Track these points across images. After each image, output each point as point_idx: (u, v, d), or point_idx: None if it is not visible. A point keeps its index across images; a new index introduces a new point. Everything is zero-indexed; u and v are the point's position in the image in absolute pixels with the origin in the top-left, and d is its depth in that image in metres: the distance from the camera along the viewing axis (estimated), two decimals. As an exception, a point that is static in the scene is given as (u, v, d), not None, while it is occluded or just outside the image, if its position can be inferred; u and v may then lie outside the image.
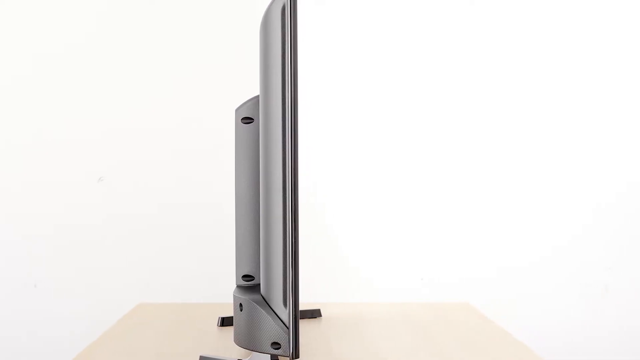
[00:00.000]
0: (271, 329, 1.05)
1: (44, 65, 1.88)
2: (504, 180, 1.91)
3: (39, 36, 1.87)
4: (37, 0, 1.87)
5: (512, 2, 1.90)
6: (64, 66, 1.88)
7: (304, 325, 1.38)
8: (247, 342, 1.09)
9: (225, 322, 1.38)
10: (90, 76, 1.88)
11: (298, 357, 1.04)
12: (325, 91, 1.89)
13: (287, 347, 1.04)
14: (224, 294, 1.59)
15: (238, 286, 1.21)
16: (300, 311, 1.37)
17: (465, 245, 1.90)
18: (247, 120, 1.19)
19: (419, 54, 1.90)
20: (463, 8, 1.90)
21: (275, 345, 1.05)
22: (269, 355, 1.07)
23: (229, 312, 1.41)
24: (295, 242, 1.04)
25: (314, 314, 1.46)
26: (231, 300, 1.19)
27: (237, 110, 1.20)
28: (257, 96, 1.16)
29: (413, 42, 1.90)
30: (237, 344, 1.13)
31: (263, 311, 1.06)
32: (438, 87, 1.90)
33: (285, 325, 1.04)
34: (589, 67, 1.91)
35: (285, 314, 1.04)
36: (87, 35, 1.88)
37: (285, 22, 1.05)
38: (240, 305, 1.11)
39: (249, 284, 1.21)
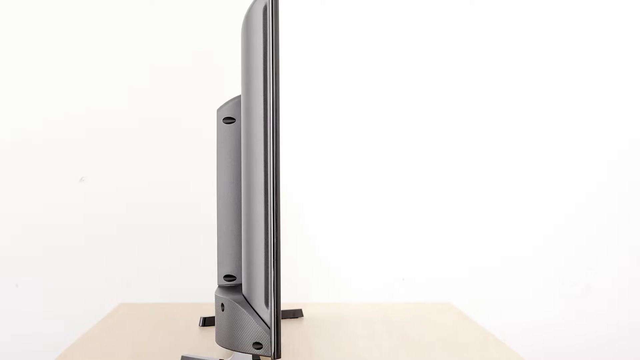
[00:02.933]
0: (253, 329, 1.05)
1: (22, 65, 1.87)
2: (485, 180, 1.91)
3: (15, 35, 1.87)
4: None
5: (512, 2, 1.91)
6: (45, 65, 1.87)
7: (286, 325, 1.39)
8: (229, 342, 1.09)
9: (207, 322, 1.38)
10: (70, 76, 1.87)
11: (280, 357, 1.04)
12: (308, 91, 1.89)
13: (269, 347, 1.04)
14: (205, 294, 1.58)
15: (220, 286, 1.21)
16: (282, 311, 1.37)
17: (447, 245, 1.91)
18: (229, 120, 1.19)
19: (417, 53, 1.90)
20: (463, 8, 1.91)
21: (257, 345, 1.05)
22: (251, 355, 1.07)
23: (210, 312, 1.41)
24: (276, 242, 1.04)
25: (296, 314, 1.46)
26: (213, 300, 1.20)
27: (218, 110, 1.20)
28: (239, 96, 1.17)
29: (411, 42, 1.90)
30: (219, 344, 1.13)
31: (245, 311, 1.06)
32: (429, 87, 1.90)
33: (267, 325, 1.04)
34: (587, 69, 1.91)
35: (266, 313, 1.04)
36: (69, 35, 1.87)
37: (266, 22, 1.05)
38: (222, 305, 1.12)
39: (231, 284, 1.21)
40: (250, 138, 1.08)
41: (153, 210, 1.87)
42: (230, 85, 1.39)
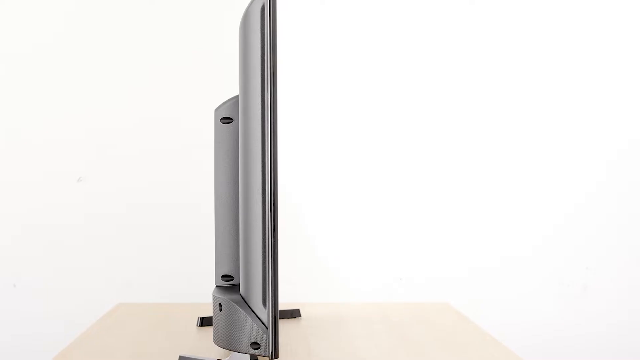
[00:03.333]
0: (250, 329, 1.05)
1: (22, 65, 1.87)
2: (484, 180, 1.91)
3: (15, 35, 1.87)
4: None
5: (512, 2, 1.91)
6: (45, 65, 1.87)
7: (283, 325, 1.38)
8: (227, 342, 1.09)
9: (205, 322, 1.38)
10: (70, 76, 1.87)
11: (277, 357, 1.04)
12: (306, 91, 1.89)
13: (267, 347, 1.04)
14: (203, 294, 1.58)
15: (217, 286, 1.21)
16: (280, 311, 1.37)
17: (446, 245, 1.91)
18: (227, 120, 1.19)
19: (416, 53, 1.90)
20: (463, 8, 1.91)
21: (255, 345, 1.05)
22: (249, 355, 1.07)
23: (208, 312, 1.41)
24: (274, 242, 1.04)
25: (294, 314, 1.46)
26: (210, 300, 1.19)
27: (216, 110, 1.20)
28: (237, 96, 1.17)
29: (411, 42, 1.90)
30: (217, 344, 1.13)
31: (242, 311, 1.06)
32: (428, 87, 1.90)
33: (265, 325, 1.04)
34: (585, 69, 1.91)
35: (264, 313, 1.04)
36: (69, 35, 1.87)
37: (264, 22, 1.05)
38: (220, 305, 1.12)
39: (229, 284, 1.21)
40: (248, 138, 1.08)
41: (151, 210, 1.87)
42: (228, 85, 1.39)
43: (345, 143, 1.89)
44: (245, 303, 1.08)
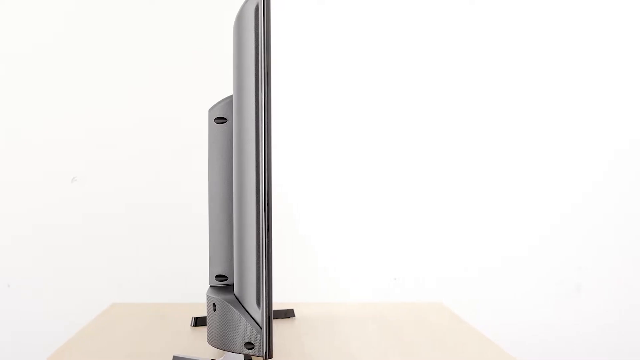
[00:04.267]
0: (244, 329, 1.05)
1: (22, 65, 1.87)
2: (481, 180, 1.91)
3: (15, 35, 1.86)
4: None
5: (512, 2, 1.91)
6: (44, 65, 1.87)
7: (278, 325, 1.38)
8: (221, 342, 1.09)
9: (199, 322, 1.38)
10: (69, 76, 1.87)
11: (271, 357, 1.04)
12: (301, 91, 1.89)
13: (261, 347, 1.04)
14: (197, 294, 1.58)
15: (211, 286, 1.21)
16: (274, 311, 1.37)
17: (438, 245, 1.91)
18: (221, 120, 1.19)
19: (415, 53, 1.90)
20: (463, 8, 1.91)
21: (249, 345, 1.05)
22: (243, 355, 1.07)
23: (202, 312, 1.41)
24: (268, 242, 1.04)
25: (288, 314, 1.46)
26: (204, 300, 1.19)
27: (210, 110, 1.20)
28: (231, 96, 1.16)
29: (410, 42, 1.90)
30: (211, 344, 1.13)
31: (236, 311, 1.06)
32: (425, 86, 1.90)
33: (259, 325, 1.04)
34: (584, 69, 1.92)
35: (258, 313, 1.04)
36: (69, 35, 1.87)
37: (258, 22, 1.05)
38: (214, 305, 1.11)
39: (223, 284, 1.21)
40: (242, 138, 1.08)
41: (146, 210, 1.87)
42: (222, 85, 1.39)
43: (340, 143, 1.89)
44: (239, 303, 1.08)
